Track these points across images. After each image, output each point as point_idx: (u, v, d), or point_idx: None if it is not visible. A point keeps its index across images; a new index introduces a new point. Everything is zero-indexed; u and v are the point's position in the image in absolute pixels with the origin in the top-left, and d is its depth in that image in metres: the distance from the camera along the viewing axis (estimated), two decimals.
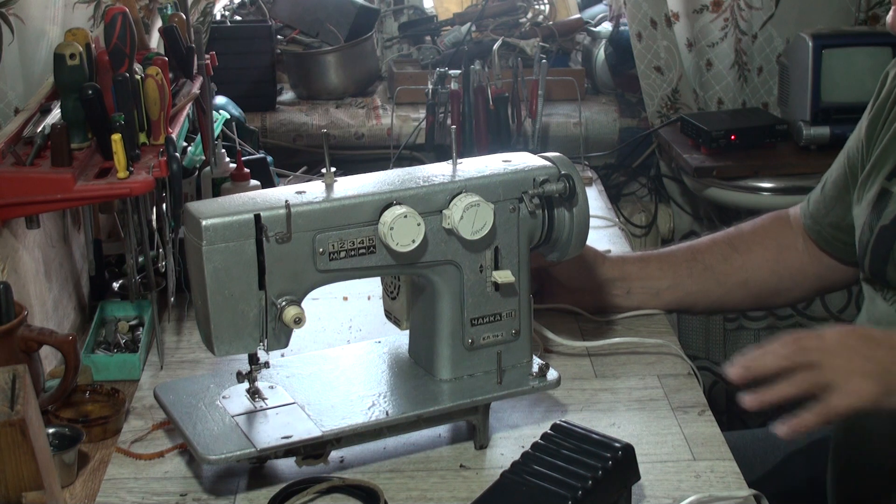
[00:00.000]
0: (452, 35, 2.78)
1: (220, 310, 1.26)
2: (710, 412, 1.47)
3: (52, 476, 1.10)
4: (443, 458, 1.36)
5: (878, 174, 1.51)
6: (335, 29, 2.70)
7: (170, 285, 1.60)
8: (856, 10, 2.60)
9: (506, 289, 1.38)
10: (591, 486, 1.17)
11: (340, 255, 1.29)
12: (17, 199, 1.38)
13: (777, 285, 1.71)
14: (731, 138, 2.41)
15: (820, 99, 2.40)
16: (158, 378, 1.55)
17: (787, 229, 1.71)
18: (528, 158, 1.40)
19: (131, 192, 1.40)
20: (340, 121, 2.63)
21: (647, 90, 2.61)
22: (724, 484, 1.31)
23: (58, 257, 1.65)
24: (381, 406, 1.34)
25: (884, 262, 1.45)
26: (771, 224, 1.73)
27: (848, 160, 1.61)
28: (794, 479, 1.71)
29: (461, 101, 2.34)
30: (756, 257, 1.70)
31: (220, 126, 2.00)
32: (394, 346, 1.48)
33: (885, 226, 1.46)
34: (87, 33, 1.51)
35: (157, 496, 1.30)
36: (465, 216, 1.30)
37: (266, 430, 1.29)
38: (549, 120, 2.61)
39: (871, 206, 1.49)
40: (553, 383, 1.40)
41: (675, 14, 2.59)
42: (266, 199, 1.28)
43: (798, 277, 1.71)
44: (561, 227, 1.40)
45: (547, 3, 2.91)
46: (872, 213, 1.49)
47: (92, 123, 1.44)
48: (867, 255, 1.49)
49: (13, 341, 1.32)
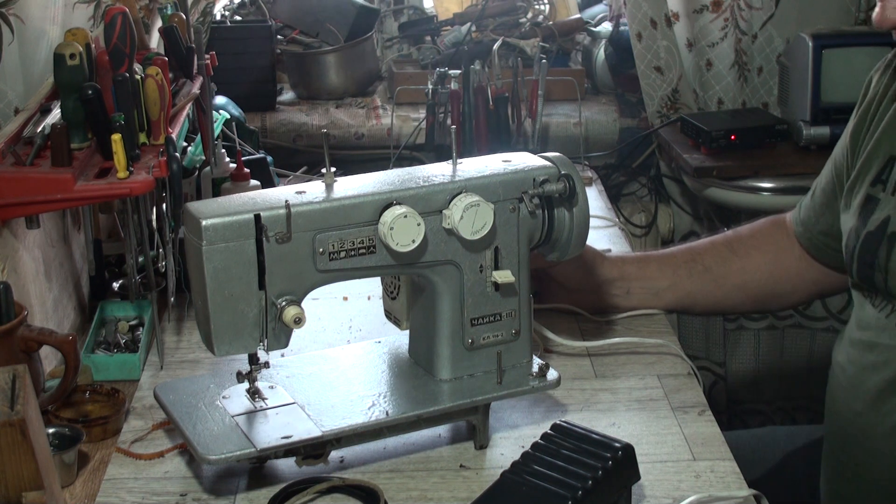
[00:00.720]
0: (452, 35, 2.78)
1: (220, 310, 1.26)
2: (710, 412, 1.47)
3: (52, 476, 1.10)
4: (443, 458, 1.36)
5: (863, 180, 1.50)
6: (335, 29, 2.70)
7: (170, 285, 1.60)
8: (856, 10, 2.60)
9: (506, 289, 1.38)
10: (591, 486, 1.17)
11: (340, 255, 1.29)
12: (17, 199, 1.38)
13: (774, 289, 1.72)
14: (731, 138, 2.41)
15: (820, 99, 2.40)
16: (158, 378, 1.55)
17: (783, 234, 1.71)
18: (528, 158, 1.40)
19: (131, 192, 1.40)
20: (340, 121, 2.63)
21: (647, 90, 2.61)
22: (723, 484, 1.31)
23: (58, 257, 1.65)
24: (381, 406, 1.34)
25: (870, 269, 1.45)
26: (768, 229, 1.74)
27: (835, 167, 1.61)
28: (794, 479, 1.71)
29: (461, 101, 2.34)
30: (754, 261, 1.70)
31: (220, 126, 2.00)
32: (394, 346, 1.48)
33: (870, 232, 1.46)
34: (87, 33, 1.51)
35: (157, 496, 1.30)
36: (465, 216, 1.30)
37: (266, 430, 1.29)
38: (549, 120, 2.61)
39: (857, 213, 1.49)
40: (553, 383, 1.40)
41: (675, 14, 2.59)
42: (266, 199, 1.28)
43: (795, 282, 1.71)
44: (561, 227, 1.40)
45: (547, 3, 2.91)
46: (859, 219, 1.48)
47: (92, 123, 1.44)
48: (854, 262, 1.49)
49: (13, 341, 1.32)
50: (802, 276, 1.70)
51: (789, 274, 1.70)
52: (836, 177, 1.60)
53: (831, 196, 1.61)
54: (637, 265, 1.71)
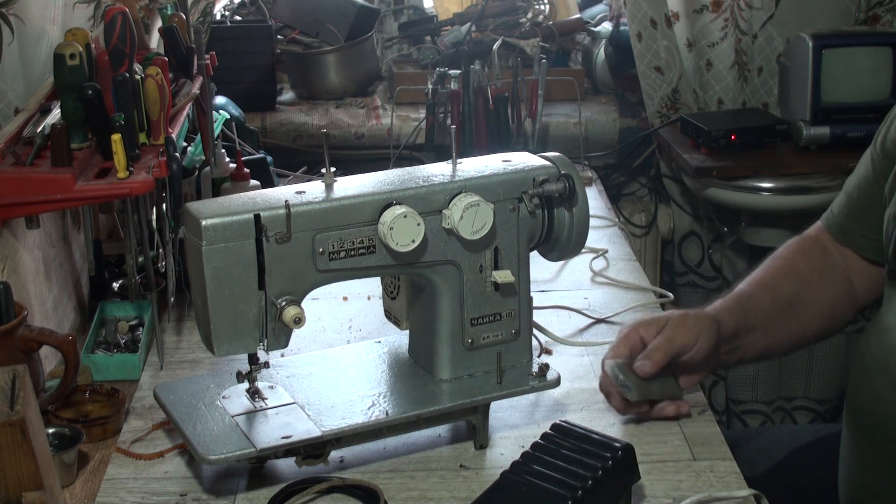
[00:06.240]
0: (452, 35, 2.78)
1: (220, 310, 1.26)
2: (711, 412, 1.48)
3: (52, 476, 1.10)
4: (443, 458, 1.36)
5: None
6: (335, 29, 2.70)
7: (170, 285, 1.60)
8: (856, 10, 2.59)
9: (506, 289, 1.38)
10: (591, 486, 1.17)
11: (340, 255, 1.29)
12: (17, 199, 1.38)
13: (850, 298, 1.62)
14: (731, 138, 2.41)
15: (820, 99, 2.40)
16: (158, 378, 1.55)
17: (819, 248, 1.63)
18: (527, 158, 1.40)
19: (131, 193, 1.40)
20: (340, 121, 2.63)
21: (647, 90, 2.61)
22: (723, 484, 1.31)
23: (58, 257, 1.65)
24: (381, 406, 1.34)
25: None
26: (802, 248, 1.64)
27: (883, 153, 1.55)
28: (797, 476, 1.70)
29: (461, 101, 2.34)
30: (816, 288, 1.60)
31: (220, 126, 2.00)
32: (394, 346, 1.48)
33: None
34: (87, 33, 1.51)
35: (157, 496, 1.30)
36: (464, 216, 1.30)
37: (266, 430, 1.29)
38: (548, 120, 2.61)
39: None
40: (553, 383, 1.40)
41: (675, 14, 2.59)
42: (266, 199, 1.28)
43: (863, 281, 1.62)
44: (561, 227, 1.40)
45: (547, 3, 2.91)
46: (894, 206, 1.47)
47: (92, 123, 1.44)
48: (891, 245, 1.46)
49: (13, 341, 1.32)
50: (868, 274, 1.61)
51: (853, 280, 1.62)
52: (885, 164, 1.53)
53: (873, 194, 1.55)
54: (743, 314, 1.55)
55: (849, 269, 1.62)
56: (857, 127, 2.37)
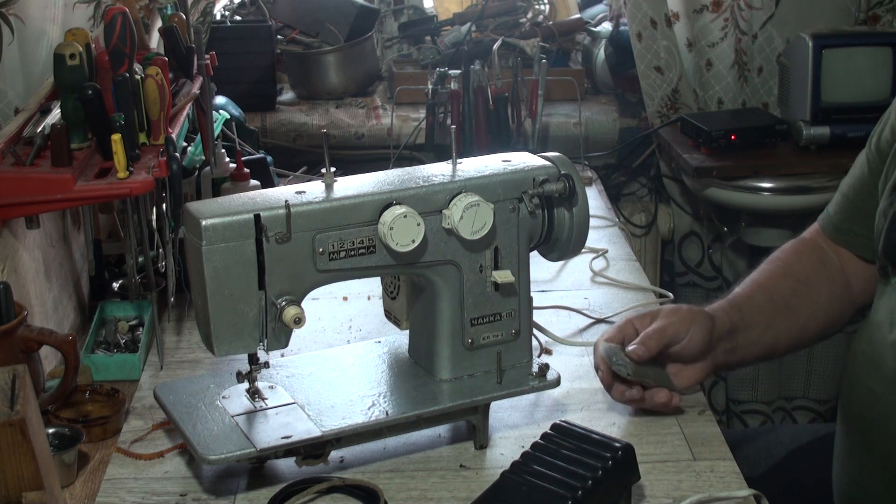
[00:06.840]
0: (452, 35, 2.78)
1: (220, 310, 1.26)
2: (711, 412, 1.48)
3: (52, 476, 1.10)
4: (443, 458, 1.37)
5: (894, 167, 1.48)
6: (335, 29, 2.70)
7: (170, 285, 1.60)
8: (856, 10, 2.59)
9: (506, 289, 1.38)
10: (591, 486, 1.17)
11: (340, 255, 1.29)
12: (17, 199, 1.38)
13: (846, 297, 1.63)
14: (731, 138, 2.41)
15: (820, 99, 2.40)
16: (158, 378, 1.55)
17: (814, 247, 1.64)
18: (527, 158, 1.40)
19: (131, 193, 1.40)
20: (340, 121, 2.63)
21: (647, 90, 2.61)
22: (723, 484, 1.31)
23: (58, 257, 1.65)
24: (381, 406, 1.34)
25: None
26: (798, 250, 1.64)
27: (878, 153, 1.55)
28: (797, 476, 1.70)
29: (461, 101, 2.34)
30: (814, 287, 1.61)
31: (220, 126, 2.00)
32: (394, 346, 1.48)
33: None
34: (87, 33, 1.51)
35: (157, 496, 1.30)
36: (464, 216, 1.30)
37: (266, 430, 1.29)
38: (548, 120, 2.61)
39: (889, 196, 1.47)
40: (553, 383, 1.40)
41: (675, 14, 2.59)
42: (266, 199, 1.28)
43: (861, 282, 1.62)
44: (561, 227, 1.40)
45: (547, 3, 2.91)
46: (887, 201, 1.47)
47: (92, 123, 1.44)
48: (882, 239, 1.46)
49: (13, 341, 1.32)
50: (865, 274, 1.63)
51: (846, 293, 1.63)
52: (879, 163, 1.53)
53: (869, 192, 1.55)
54: (738, 313, 1.56)
55: (845, 269, 1.62)
56: (858, 127, 2.37)
